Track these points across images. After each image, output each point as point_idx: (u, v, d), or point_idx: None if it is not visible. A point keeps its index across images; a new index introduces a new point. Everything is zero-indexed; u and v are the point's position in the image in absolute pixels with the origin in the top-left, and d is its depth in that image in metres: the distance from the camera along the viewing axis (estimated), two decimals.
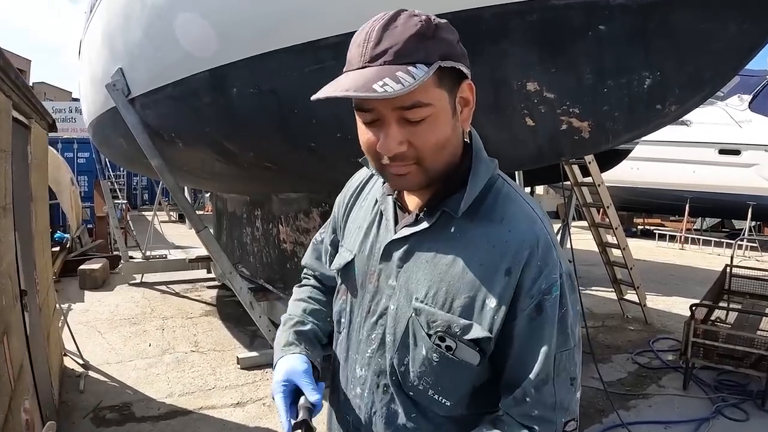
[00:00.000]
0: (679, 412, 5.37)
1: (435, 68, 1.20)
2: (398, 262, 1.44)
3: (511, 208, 1.36)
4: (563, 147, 3.45)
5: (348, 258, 1.59)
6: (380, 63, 1.19)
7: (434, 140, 1.27)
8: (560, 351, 1.32)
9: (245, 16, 4.18)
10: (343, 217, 1.71)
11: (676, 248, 16.96)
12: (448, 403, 1.40)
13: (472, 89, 1.34)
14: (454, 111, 1.31)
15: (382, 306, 1.47)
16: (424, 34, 1.21)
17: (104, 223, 13.73)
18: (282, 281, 7.34)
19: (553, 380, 1.32)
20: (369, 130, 1.31)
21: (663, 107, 2.97)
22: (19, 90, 3.81)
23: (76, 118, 25.97)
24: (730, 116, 15.74)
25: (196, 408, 5.26)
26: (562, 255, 1.36)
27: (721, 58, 2.83)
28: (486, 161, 1.41)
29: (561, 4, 2.88)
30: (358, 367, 1.54)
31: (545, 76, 3.10)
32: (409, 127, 1.25)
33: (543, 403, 1.32)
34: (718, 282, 7.83)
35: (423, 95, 1.22)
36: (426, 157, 1.29)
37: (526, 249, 1.30)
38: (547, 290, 1.30)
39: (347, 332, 1.60)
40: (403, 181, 1.35)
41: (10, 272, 3.36)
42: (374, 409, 1.50)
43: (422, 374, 1.40)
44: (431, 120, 1.25)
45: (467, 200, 1.35)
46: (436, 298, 1.36)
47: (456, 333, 1.33)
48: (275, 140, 4.83)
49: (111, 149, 9.48)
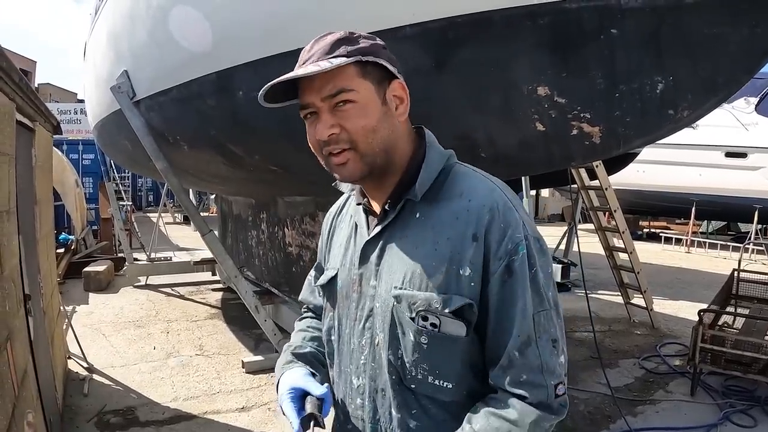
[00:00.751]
0: (686, 418, 5.34)
1: (354, 59, 1.38)
2: (375, 260, 1.52)
3: (469, 182, 1.47)
4: (574, 152, 3.42)
5: (331, 274, 1.68)
6: (309, 62, 1.39)
7: (362, 123, 1.40)
8: (537, 311, 1.37)
9: (252, 19, 4.15)
10: (326, 243, 1.81)
11: (682, 251, 16.95)
12: (449, 385, 1.43)
13: (403, 87, 1.49)
14: (384, 102, 1.45)
15: (368, 309, 1.53)
16: (346, 39, 1.41)
17: (109, 224, 13.76)
18: (287, 285, 7.32)
19: (536, 341, 1.35)
20: (310, 127, 1.46)
21: (675, 112, 2.93)
22: (23, 92, 3.79)
23: (81, 119, 26.10)
24: (737, 119, 15.70)
25: (200, 412, 5.24)
26: (527, 218, 1.43)
27: (735, 62, 2.79)
28: (439, 151, 1.53)
29: (573, 7, 2.84)
30: (354, 377, 1.58)
31: (556, 80, 3.06)
32: (339, 113, 1.41)
33: (529, 367, 1.35)
34: (726, 286, 7.79)
35: (346, 82, 1.39)
36: (358, 140, 1.41)
37: (487, 213, 1.38)
38: (514, 250, 1.36)
39: (338, 346, 1.66)
40: (344, 170, 1.45)
41: (14, 277, 3.33)
42: (377, 416, 1.53)
43: (417, 362, 1.44)
44: (358, 106, 1.40)
45: (423, 182, 1.46)
46: (412, 281, 1.42)
47: (437, 309, 1.38)
48: (281, 143, 4.80)
49: (116, 151, 9.47)
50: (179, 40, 4.90)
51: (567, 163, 3.74)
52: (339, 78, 1.38)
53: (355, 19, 3.50)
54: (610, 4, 2.78)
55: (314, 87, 1.40)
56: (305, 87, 1.42)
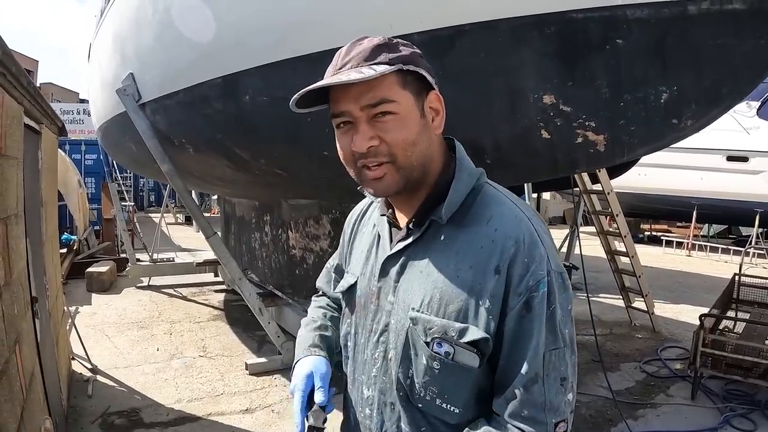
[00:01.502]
0: (687, 422, 5.36)
1: (396, 67, 1.32)
2: (395, 277, 1.48)
3: (497, 209, 1.40)
4: (578, 159, 3.45)
5: (351, 281, 1.66)
6: (348, 67, 1.32)
7: (403, 136, 1.35)
8: (549, 350, 1.33)
9: (260, 24, 4.18)
10: (348, 244, 1.78)
11: (683, 255, 16.93)
12: (456, 410, 1.41)
13: (439, 99, 1.43)
14: (423, 114, 1.39)
15: (383, 323, 1.51)
16: (386, 45, 1.35)
17: (111, 225, 13.76)
18: (291, 287, 7.35)
19: (543, 380, 1.32)
20: (344, 137, 1.40)
21: (679, 121, 2.96)
22: (30, 95, 3.81)
23: (83, 119, 26.11)
24: (738, 123, 15.67)
25: (204, 414, 5.26)
26: (552, 252, 1.38)
27: (738, 73, 2.83)
28: (469, 169, 1.47)
29: (579, 17, 2.87)
30: (365, 387, 1.56)
31: (562, 89, 3.09)
32: (378, 125, 1.34)
33: (532, 403, 1.32)
34: (727, 291, 7.80)
35: (387, 92, 1.33)
36: (397, 153, 1.35)
37: (512, 246, 1.33)
38: (535, 287, 1.31)
39: (353, 354, 1.64)
40: (380, 184, 1.40)
41: (22, 280, 3.36)
42: (384, 428, 1.52)
43: (427, 384, 1.41)
44: (399, 118, 1.34)
45: (450, 205, 1.40)
46: (430, 305, 1.39)
47: (453, 337, 1.35)
48: (287, 148, 4.84)
49: (120, 153, 9.51)
50: (186, 44, 4.93)
51: (572, 170, 3.77)
52: (380, 87, 1.31)
53: (362, 27, 3.52)
54: (615, 14, 2.81)
55: (351, 95, 1.33)
56: (341, 94, 1.35)
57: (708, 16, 2.72)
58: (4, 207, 2.86)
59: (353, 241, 1.75)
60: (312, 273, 6.78)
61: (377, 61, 1.31)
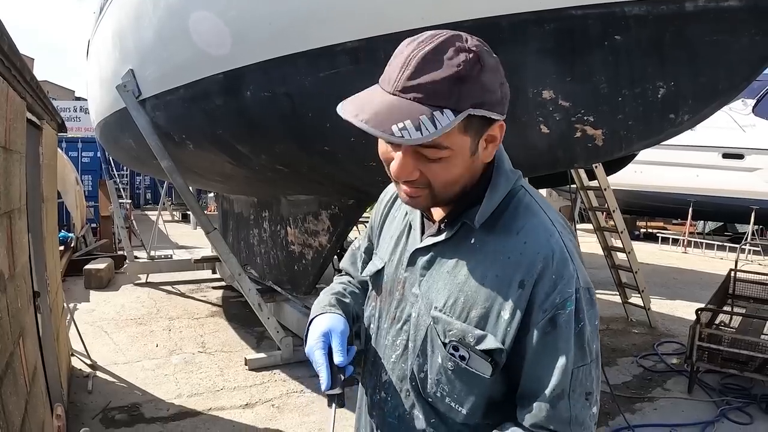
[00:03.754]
0: (684, 416, 5.41)
1: (462, 117, 1.18)
2: (421, 270, 1.47)
3: (529, 221, 1.37)
4: (577, 154, 3.49)
5: (379, 266, 1.64)
6: (410, 97, 1.17)
7: (445, 179, 1.30)
8: (577, 366, 1.31)
9: (261, 19, 4.20)
10: (378, 226, 1.75)
11: (679, 252, 17.00)
12: (463, 411, 1.42)
13: (502, 129, 1.32)
14: (475, 151, 1.30)
15: (406, 313, 1.51)
16: (463, 78, 1.17)
17: (109, 222, 13.76)
18: (290, 283, 7.37)
19: (569, 396, 1.31)
20: (385, 146, 1.33)
21: (676, 116, 3.00)
22: (33, 91, 3.83)
23: (80, 117, 26.10)
24: (734, 120, 15.73)
25: (205, 409, 5.29)
26: (581, 269, 1.35)
27: (734, 69, 2.86)
28: (507, 173, 1.42)
29: (578, 14, 2.91)
30: (384, 371, 1.58)
31: (561, 84, 3.13)
32: (423, 161, 1.27)
33: (558, 419, 1.32)
34: (723, 286, 7.85)
35: (443, 140, 1.21)
36: (436, 188, 1.32)
37: (540, 262, 1.31)
38: (561, 305, 1.29)
39: (375, 337, 1.64)
40: (412, 202, 1.38)
41: (25, 275, 3.38)
42: (397, 413, 1.53)
43: (439, 382, 1.43)
44: (447, 161, 1.27)
45: (484, 212, 1.37)
46: (454, 307, 1.39)
47: (470, 343, 1.35)
48: (288, 143, 4.86)
49: (119, 150, 9.51)
50: (187, 39, 4.95)
51: (570, 165, 3.81)
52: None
53: (364, 22, 3.56)
54: (614, 11, 2.84)
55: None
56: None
57: (704, 12, 2.75)
58: (8, 201, 2.88)
59: (383, 223, 1.73)
60: (311, 269, 6.81)
61: (445, 104, 1.16)
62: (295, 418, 5.13)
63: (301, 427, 4.93)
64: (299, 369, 6.15)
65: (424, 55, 1.18)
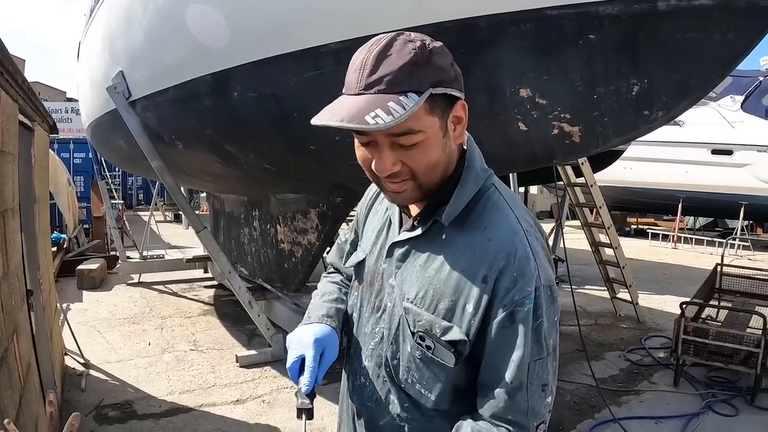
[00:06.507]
0: (670, 408, 5.48)
1: (426, 96, 1.27)
2: (397, 263, 1.55)
3: (495, 218, 1.43)
4: (555, 150, 3.56)
5: (361, 257, 1.73)
6: (374, 91, 1.26)
7: (426, 162, 1.37)
8: (534, 360, 1.37)
9: (248, 21, 4.26)
10: (362, 220, 1.84)
11: (669, 247, 17.09)
12: (431, 397, 1.50)
13: (465, 108, 1.41)
14: (446, 132, 1.38)
15: (384, 303, 1.59)
16: (417, 62, 1.27)
17: (101, 223, 13.76)
18: (280, 281, 7.42)
19: (527, 388, 1.37)
20: (363, 150, 1.41)
21: (650, 113, 3.07)
22: (25, 93, 3.88)
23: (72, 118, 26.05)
24: (723, 117, 15.85)
25: (196, 405, 5.34)
26: (544, 266, 1.41)
27: (707, 66, 2.93)
28: (476, 172, 1.49)
29: (554, 14, 2.98)
30: (364, 358, 1.66)
31: (538, 83, 3.20)
32: (401, 150, 1.35)
33: (516, 409, 1.37)
34: (709, 280, 7.93)
35: (414, 123, 1.30)
36: (420, 176, 1.38)
37: (503, 259, 1.37)
38: (520, 302, 1.35)
39: (357, 325, 1.72)
40: (399, 197, 1.45)
41: (18, 273, 3.44)
42: (375, 397, 1.62)
43: (409, 369, 1.52)
44: (423, 144, 1.34)
45: (452, 211, 1.44)
46: (424, 299, 1.46)
47: (436, 334, 1.43)
48: (275, 143, 4.91)
49: (110, 151, 9.54)
50: (176, 41, 5.00)
51: (549, 161, 3.87)
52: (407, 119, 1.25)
53: (347, 24, 3.62)
54: (588, 10, 2.92)
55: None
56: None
57: (677, 11, 2.83)
58: (1, 201, 2.94)
59: (367, 216, 1.81)
60: (300, 267, 6.87)
61: (407, 89, 1.26)
62: (285, 413, 5.18)
63: (291, 422, 4.98)
64: None
65: (376, 55, 1.29)
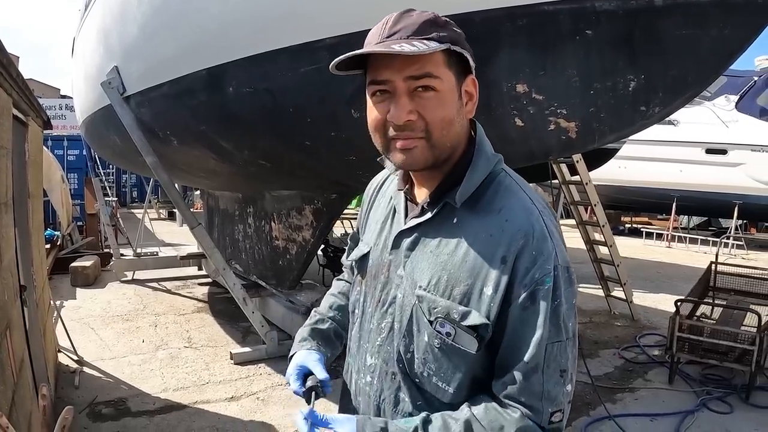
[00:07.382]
0: (664, 405, 5.49)
1: (446, 46, 1.33)
2: (406, 252, 1.52)
3: (509, 200, 1.42)
4: (551, 146, 3.55)
5: (364, 250, 1.69)
6: (396, 38, 1.32)
7: (441, 115, 1.37)
8: (551, 342, 1.35)
9: (243, 16, 4.24)
10: (365, 214, 1.81)
11: (663, 246, 17.12)
12: (450, 390, 1.45)
13: (475, 84, 1.46)
14: (460, 96, 1.41)
15: (392, 295, 1.55)
16: (435, 22, 1.34)
17: (95, 220, 13.72)
18: (274, 278, 7.41)
19: (543, 370, 1.34)
20: (379, 105, 1.40)
21: (647, 109, 3.07)
22: (19, 88, 3.87)
23: (65, 115, 25.92)
24: (717, 116, 15.87)
25: (191, 402, 5.33)
26: (560, 247, 1.40)
27: (703, 62, 2.93)
28: (487, 155, 1.47)
29: (550, 9, 2.97)
30: (369, 355, 1.61)
31: (534, 78, 3.19)
32: (418, 100, 1.35)
33: (530, 391, 1.35)
34: (704, 279, 7.94)
35: (434, 68, 1.34)
36: (433, 131, 1.37)
37: (521, 238, 1.35)
38: (540, 280, 1.33)
39: (360, 322, 1.68)
40: (409, 157, 1.41)
41: (11, 268, 3.42)
42: (383, 396, 1.56)
43: (425, 361, 1.46)
44: (440, 95, 1.36)
45: (464, 191, 1.42)
46: (437, 286, 1.42)
47: (455, 319, 1.39)
48: (270, 138, 4.90)
49: (104, 147, 9.51)
50: (170, 36, 4.98)
51: (545, 157, 3.86)
52: (427, 62, 1.32)
53: (342, 19, 3.61)
54: (585, 6, 2.91)
55: (396, 65, 1.34)
56: (384, 63, 1.35)
57: (674, 7, 2.82)
58: None
59: (370, 210, 1.78)
60: (295, 264, 6.86)
61: (428, 36, 1.31)
62: (280, 410, 5.17)
63: (286, 419, 4.98)
64: (284, 363, 6.07)
65: (398, 16, 1.36)
